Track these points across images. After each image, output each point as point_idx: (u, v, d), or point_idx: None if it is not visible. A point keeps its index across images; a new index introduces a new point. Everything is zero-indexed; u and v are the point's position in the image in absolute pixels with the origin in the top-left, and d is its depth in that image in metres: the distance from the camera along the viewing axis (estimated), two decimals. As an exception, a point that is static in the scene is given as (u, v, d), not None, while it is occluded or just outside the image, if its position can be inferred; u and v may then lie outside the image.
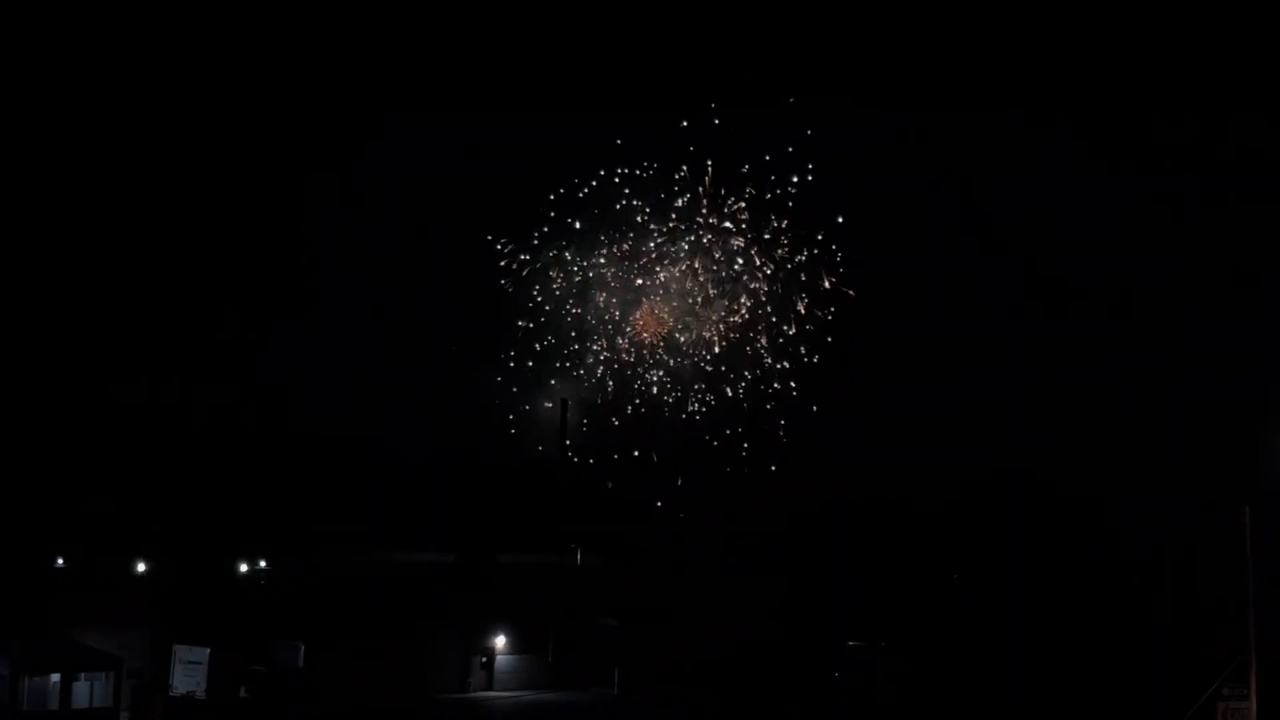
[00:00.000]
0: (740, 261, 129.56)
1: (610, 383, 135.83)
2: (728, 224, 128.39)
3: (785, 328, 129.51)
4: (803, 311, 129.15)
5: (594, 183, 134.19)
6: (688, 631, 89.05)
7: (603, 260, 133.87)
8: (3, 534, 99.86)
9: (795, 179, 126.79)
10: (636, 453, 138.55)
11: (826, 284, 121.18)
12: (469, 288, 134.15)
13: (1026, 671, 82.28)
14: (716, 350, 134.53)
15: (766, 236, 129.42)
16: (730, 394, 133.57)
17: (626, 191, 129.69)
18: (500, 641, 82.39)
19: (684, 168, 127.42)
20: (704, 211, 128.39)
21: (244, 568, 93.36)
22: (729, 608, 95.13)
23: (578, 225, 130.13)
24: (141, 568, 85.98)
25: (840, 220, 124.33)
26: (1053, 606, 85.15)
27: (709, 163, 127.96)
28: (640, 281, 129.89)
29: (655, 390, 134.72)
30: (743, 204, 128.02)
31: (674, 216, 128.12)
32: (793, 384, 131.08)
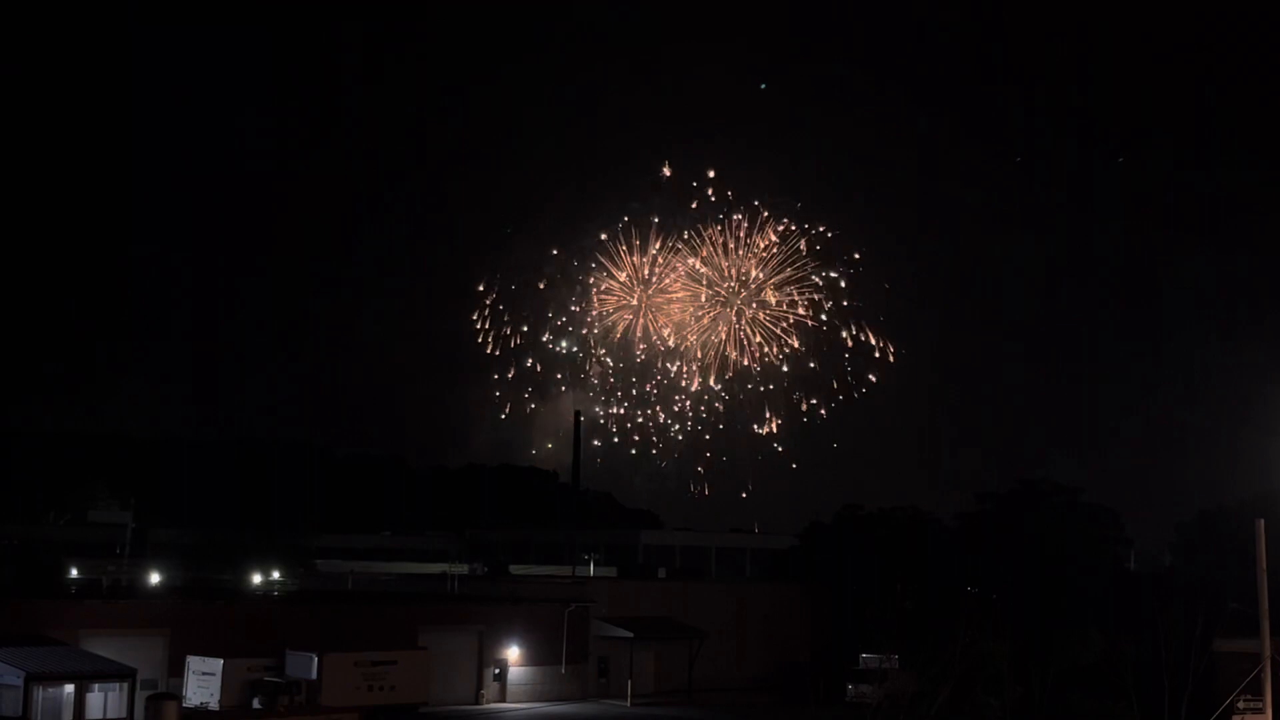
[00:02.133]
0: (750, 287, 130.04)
1: (620, 394, 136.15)
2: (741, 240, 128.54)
3: (801, 350, 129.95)
4: (806, 352, 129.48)
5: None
6: (700, 643, 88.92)
7: (608, 276, 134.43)
8: (17, 544, 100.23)
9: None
10: (648, 463, 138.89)
11: (853, 338, 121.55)
12: (473, 303, 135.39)
13: (1040, 683, 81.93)
14: (733, 362, 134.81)
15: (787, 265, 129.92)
16: (746, 406, 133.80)
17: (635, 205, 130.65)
18: (513, 653, 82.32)
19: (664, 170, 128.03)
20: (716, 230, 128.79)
21: (257, 579, 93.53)
22: (741, 619, 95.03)
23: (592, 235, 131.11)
24: (155, 578, 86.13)
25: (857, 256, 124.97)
26: (1067, 617, 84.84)
27: (710, 173, 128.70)
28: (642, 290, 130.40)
29: (664, 399, 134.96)
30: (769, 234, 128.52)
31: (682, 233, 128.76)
32: (804, 395, 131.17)
